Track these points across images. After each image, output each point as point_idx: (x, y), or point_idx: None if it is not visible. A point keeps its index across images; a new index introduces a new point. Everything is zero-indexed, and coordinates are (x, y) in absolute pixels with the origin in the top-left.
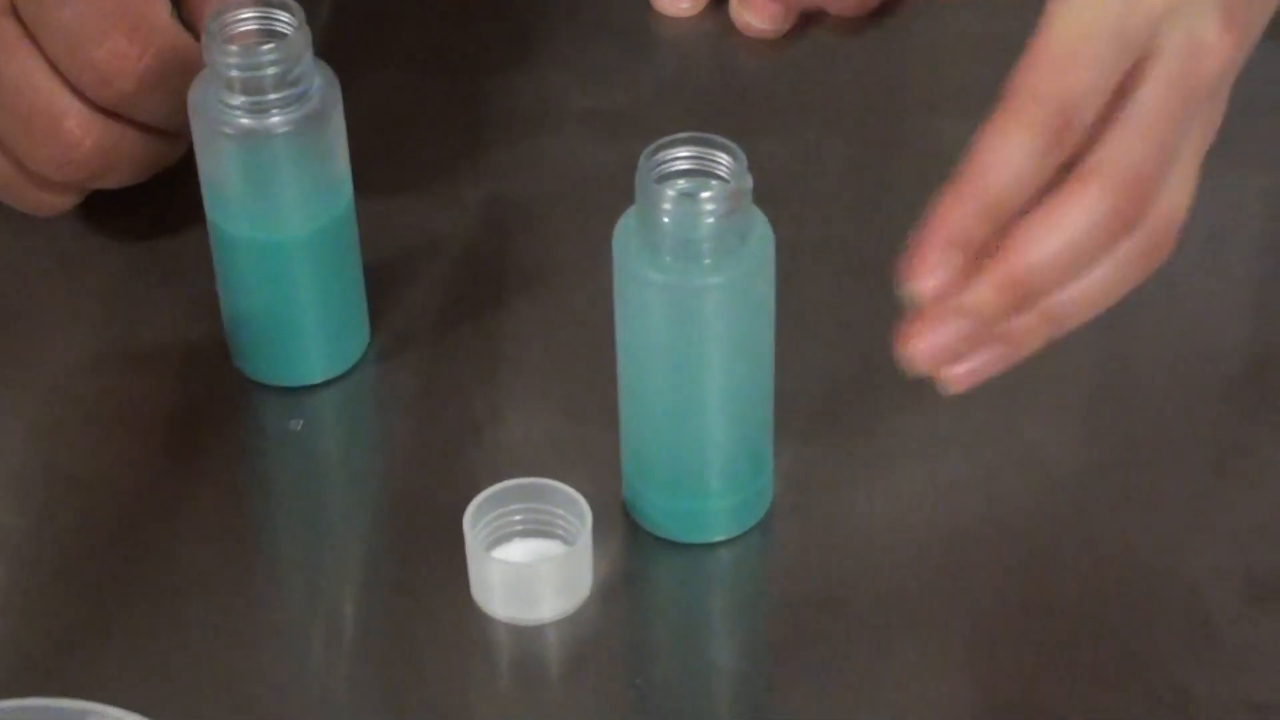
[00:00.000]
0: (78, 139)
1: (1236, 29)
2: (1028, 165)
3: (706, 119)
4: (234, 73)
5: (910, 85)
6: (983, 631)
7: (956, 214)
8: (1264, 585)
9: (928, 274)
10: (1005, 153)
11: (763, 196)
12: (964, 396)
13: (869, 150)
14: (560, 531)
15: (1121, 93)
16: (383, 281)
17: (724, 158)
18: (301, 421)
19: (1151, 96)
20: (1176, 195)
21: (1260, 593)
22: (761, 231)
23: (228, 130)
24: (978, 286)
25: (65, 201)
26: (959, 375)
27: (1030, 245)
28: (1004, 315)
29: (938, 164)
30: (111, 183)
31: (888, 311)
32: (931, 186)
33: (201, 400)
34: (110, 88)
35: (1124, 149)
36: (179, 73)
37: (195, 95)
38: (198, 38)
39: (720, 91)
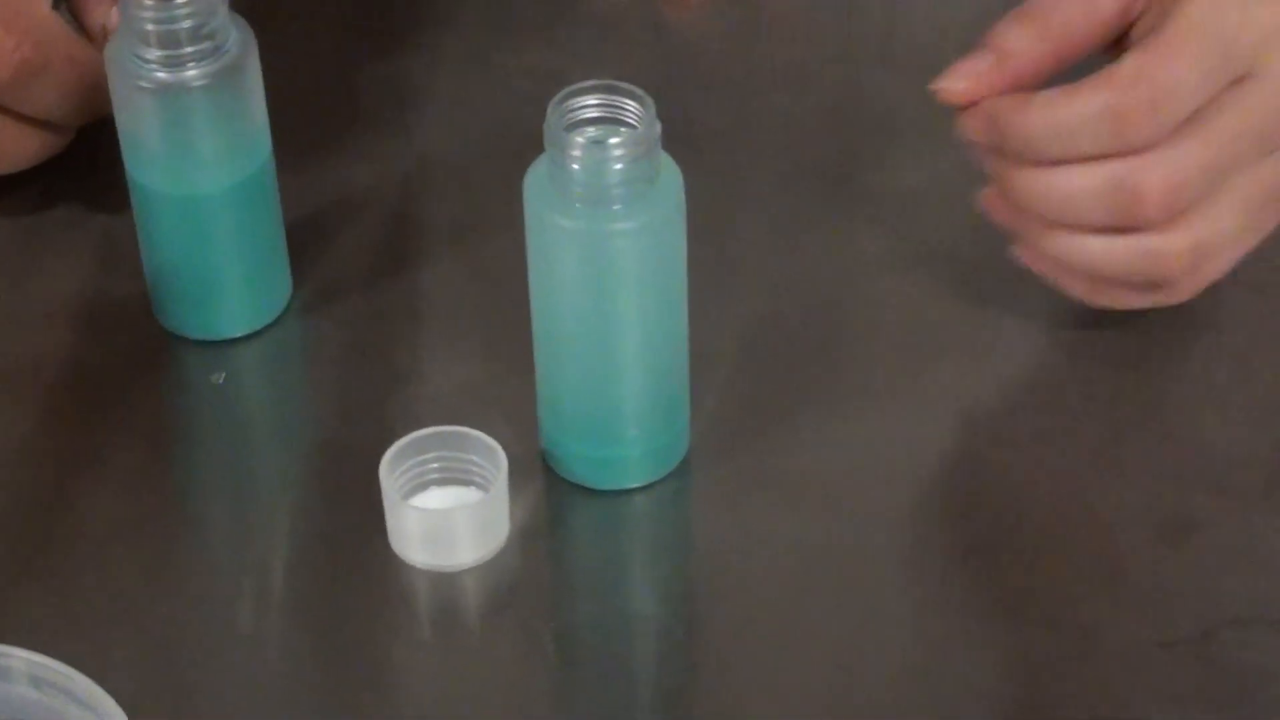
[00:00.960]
0: None
1: None
2: (1090, 126)
3: (634, 73)
4: (149, 26)
5: (844, 42)
6: (898, 572)
7: (1007, 118)
8: (1174, 525)
9: (967, 129)
10: (1078, 106)
11: (689, 150)
12: (879, 345)
13: (799, 107)
14: (477, 479)
15: (1213, 104)
16: (305, 236)
17: (632, 104)
18: (223, 375)
19: (1232, 114)
20: (1220, 223)
21: (1170, 532)
22: (671, 177)
23: (144, 84)
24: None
25: None
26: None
27: (1033, 105)
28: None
29: (869, 120)
30: None
31: (808, 265)
32: (861, 142)
33: (123, 354)
34: None
35: (1179, 142)
36: (61, 66)
37: (111, 50)
38: (88, 34)
39: (649, 47)
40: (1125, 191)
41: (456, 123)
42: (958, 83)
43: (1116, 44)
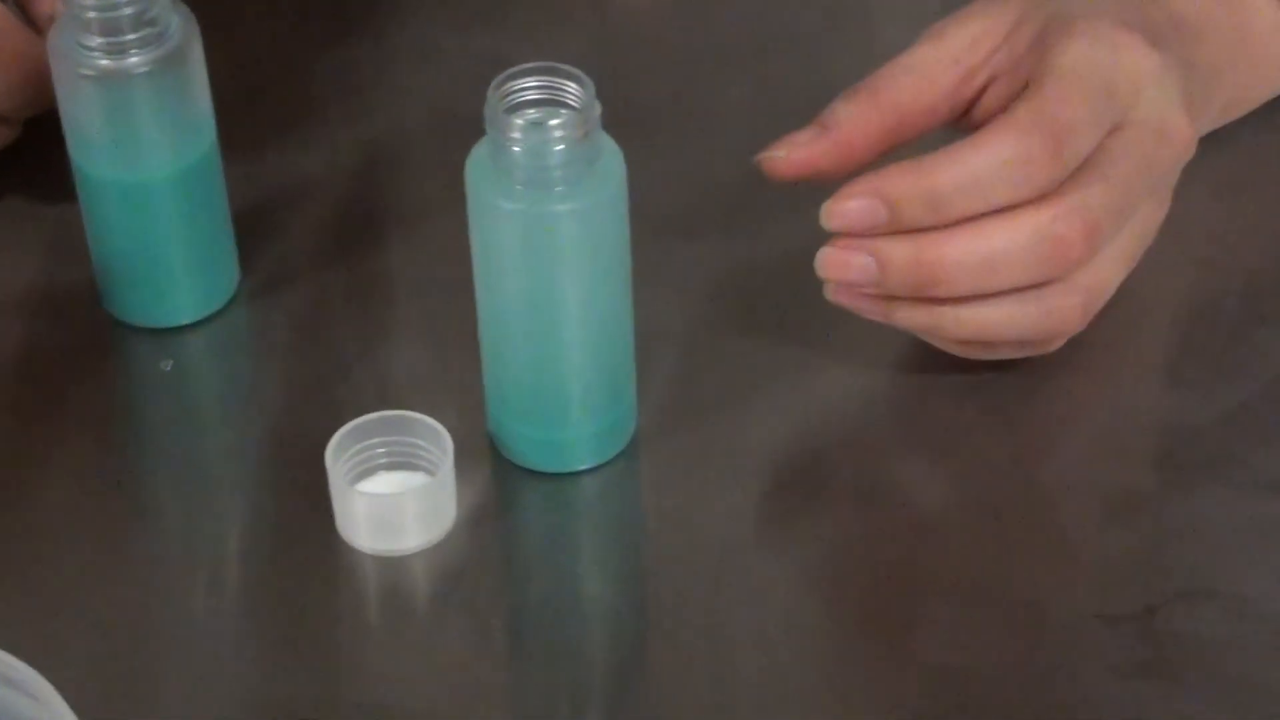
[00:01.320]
0: None
1: (1194, 124)
2: (1001, 174)
3: (581, 56)
4: (91, 14)
5: (790, 26)
6: (843, 549)
7: (903, 183)
8: (1120, 500)
9: (843, 218)
10: (985, 152)
11: (634, 133)
12: (825, 325)
13: (745, 90)
14: (424, 463)
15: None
16: (253, 223)
17: (572, 86)
18: (171, 362)
19: (1122, 157)
20: (1104, 273)
21: (1115, 507)
22: (613, 158)
23: (87, 72)
24: (873, 183)
25: None
26: (831, 278)
27: (936, 162)
28: (888, 224)
29: (816, 99)
30: None
31: (754, 244)
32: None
33: (71, 342)
34: None
35: (1086, 186)
36: (9, 59)
37: (54, 38)
38: (35, 26)
39: (597, 31)
40: (1049, 242)
41: (404, 108)
42: (779, 151)
43: (959, 120)
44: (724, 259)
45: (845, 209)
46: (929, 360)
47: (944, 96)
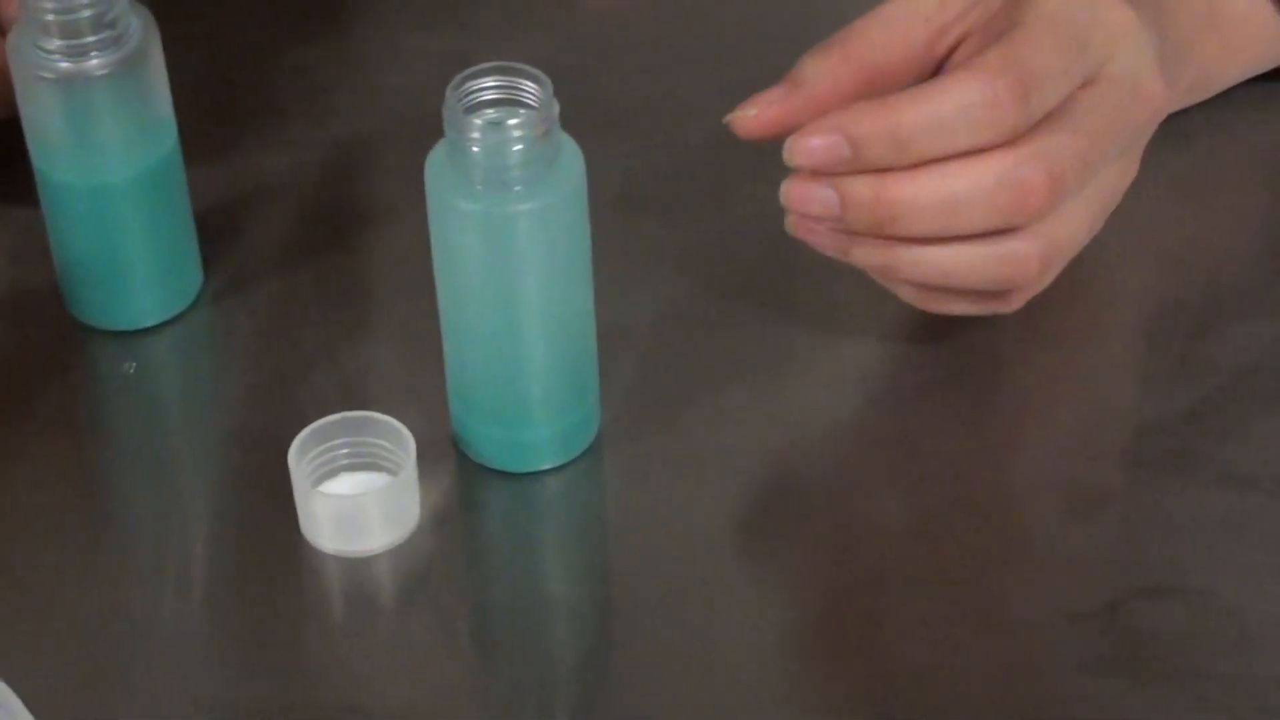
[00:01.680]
0: None
1: (1168, 88)
2: (964, 117)
3: (544, 56)
4: (50, 16)
5: (755, 24)
6: (808, 547)
7: (868, 121)
8: (1083, 496)
9: (807, 154)
10: (952, 94)
11: (599, 132)
12: (787, 321)
13: (709, 88)
14: (386, 464)
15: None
16: (216, 225)
17: (531, 86)
18: (134, 364)
19: (1093, 109)
20: (1068, 227)
21: (1079, 504)
22: (572, 157)
23: (46, 75)
24: (837, 120)
25: None
26: (797, 219)
27: (900, 102)
28: (850, 162)
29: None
30: None
31: (717, 242)
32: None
33: (35, 345)
34: None
35: (1052, 134)
36: None
37: (13, 41)
38: (0, 31)
39: (560, 30)
40: (1010, 187)
41: (368, 108)
42: (749, 110)
43: (932, 75)
44: (687, 256)
45: (809, 145)
46: (894, 359)
47: (916, 51)
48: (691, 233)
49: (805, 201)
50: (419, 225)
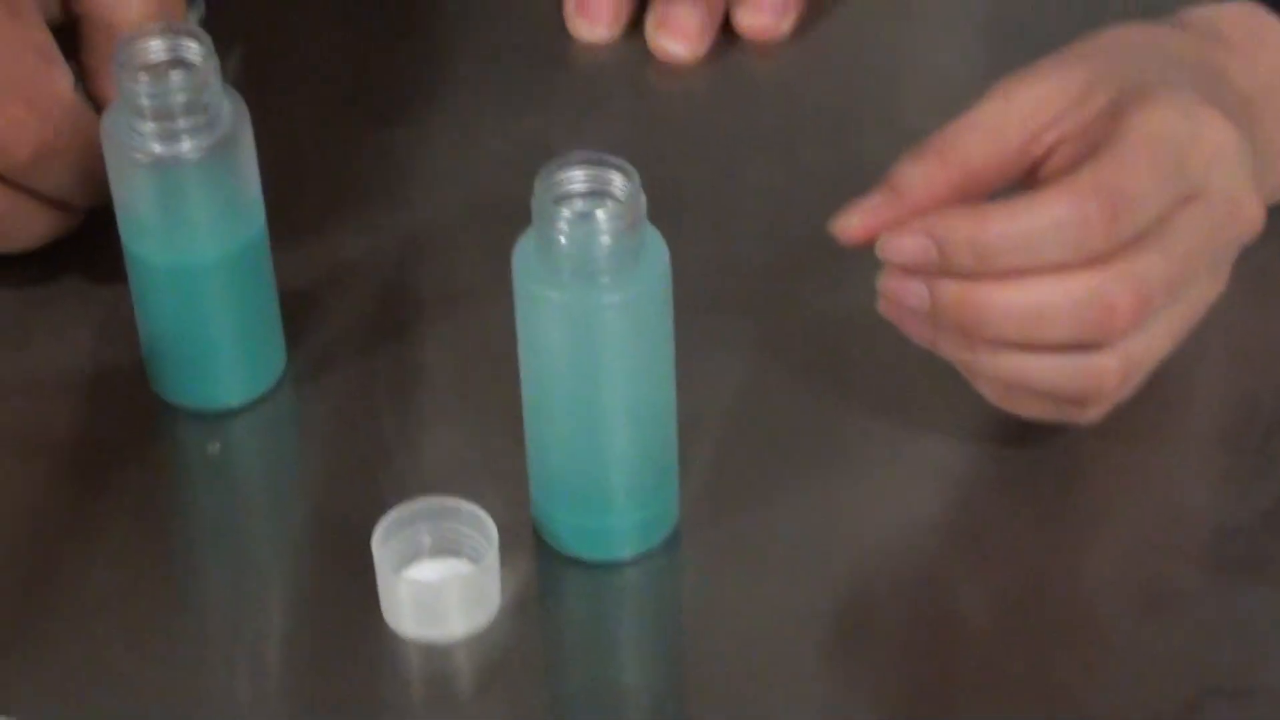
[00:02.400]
0: None
1: (1263, 204)
2: (1052, 235)
3: (621, 144)
4: (144, 100)
5: (827, 109)
6: (888, 646)
7: (959, 230)
8: (1158, 596)
9: (898, 253)
10: (1043, 211)
11: (675, 218)
12: (866, 414)
13: (783, 174)
14: (468, 550)
15: (1166, 221)
16: (299, 306)
17: (618, 178)
18: (218, 445)
19: (1186, 230)
20: (1150, 344)
21: (1154, 603)
22: (657, 250)
23: (139, 157)
24: (930, 224)
25: None
26: (886, 298)
27: (992, 214)
28: (938, 266)
29: (855, 185)
30: (2, 249)
31: (794, 331)
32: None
33: (120, 424)
34: (7, 156)
35: (1141, 255)
36: (79, 146)
37: (108, 123)
38: (100, 111)
39: (635, 116)
40: (1096, 306)
41: (445, 193)
42: (852, 219)
43: (1027, 178)
44: (765, 345)
45: (901, 245)
46: (971, 454)
47: (1010, 156)
48: (770, 322)
49: (898, 293)
50: (497, 309)
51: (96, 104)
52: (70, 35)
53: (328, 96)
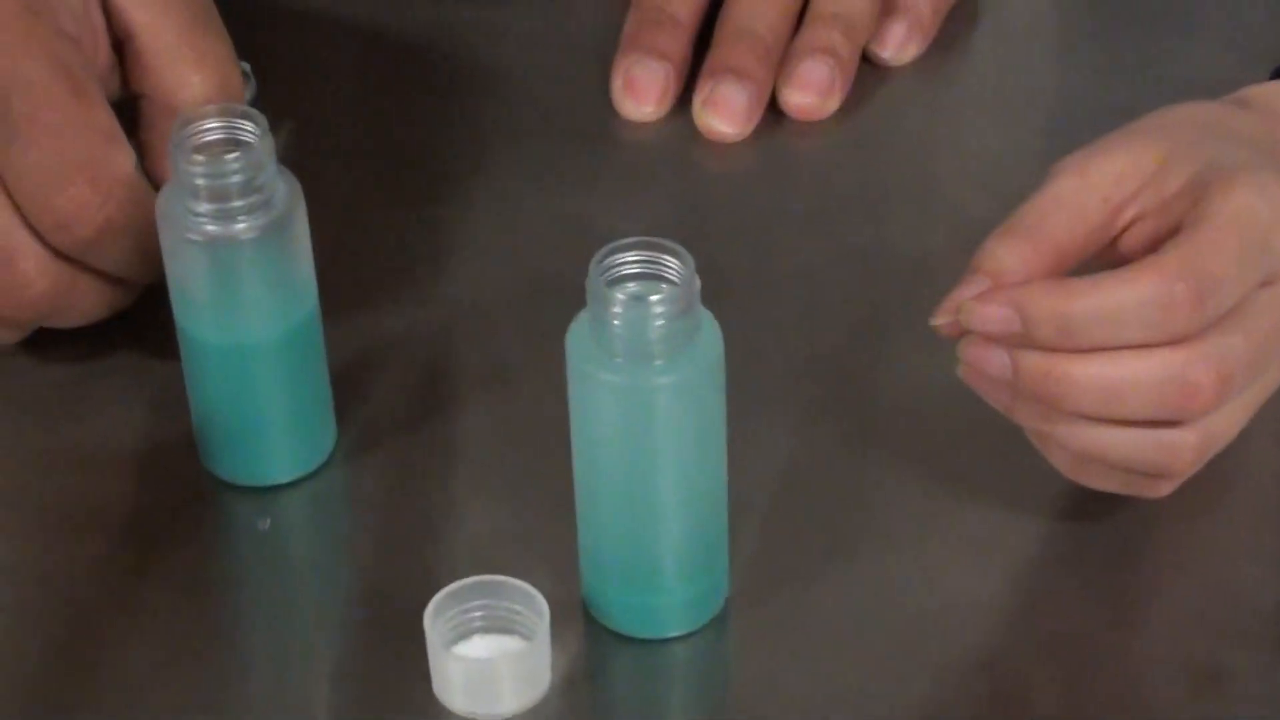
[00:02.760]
0: (31, 280)
1: None
2: (1137, 314)
3: (666, 222)
4: (200, 181)
5: (871, 188)
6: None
7: (1044, 303)
8: (1205, 675)
9: (982, 322)
10: (1128, 290)
11: (720, 297)
12: (914, 490)
13: (828, 253)
14: (519, 627)
15: (1248, 302)
16: (349, 382)
17: (672, 261)
18: (269, 520)
19: (1268, 311)
20: (1227, 421)
21: (1201, 682)
22: (711, 332)
23: (194, 237)
24: (1015, 295)
25: (10, 336)
26: (967, 364)
27: (1077, 290)
28: (1020, 338)
29: (895, 265)
30: (60, 324)
31: (838, 408)
32: (887, 288)
33: (170, 499)
34: (69, 234)
35: (1224, 336)
36: (140, 225)
37: (162, 202)
38: (158, 189)
39: (681, 194)
40: (1178, 385)
41: (491, 270)
42: (954, 314)
43: (1104, 253)
44: (816, 419)
45: (984, 314)
46: (1019, 529)
47: (1093, 231)
48: (817, 398)
49: (980, 360)
50: (543, 385)
51: (154, 181)
52: (130, 111)
53: (373, 172)
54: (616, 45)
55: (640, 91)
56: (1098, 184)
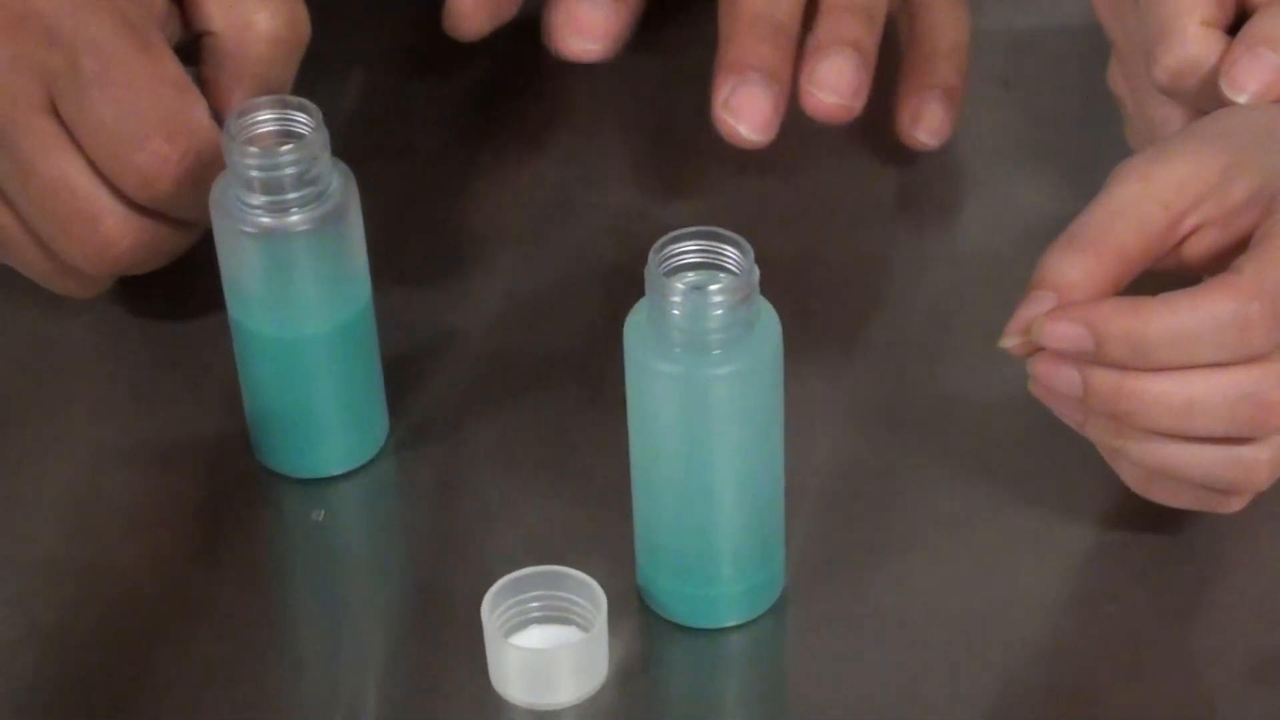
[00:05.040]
0: (115, 239)
1: None
2: (1212, 334)
3: (715, 213)
4: (254, 173)
5: (930, 181)
6: (988, 712)
7: (1117, 323)
8: (1267, 666)
9: (1053, 339)
10: (1203, 310)
11: (773, 287)
12: (972, 485)
13: (885, 245)
14: (576, 618)
15: None
16: (401, 374)
17: (731, 250)
18: (323, 512)
19: None
20: None
21: (1262, 674)
22: (769, 322)
23: (248, 229)
24: (1088, 314)
25: (92, 289)
26: (1038, 381)
27: (1151, 309)
28: (1092, 356)
29: (956, 259)
30: (139, 270)
31: (894, 399)
32: (940, 276)
33: (223, 492)
34: (151, 190)
35: None
36: (212, 170)
37: (216, 194)
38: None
39: (729, 187)
40: (1252, 403)
41: (544, 261)
42: (1025, 335)
43: (1165, 261)
44: (870, 411)
45: (1056, 332)
46: (1074, 524)
47: (1154, 240)
48: (870, 385)
49: (1051, 377)
50: (598, 376)
51: (220, 118)
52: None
53: (423, 165)
54: (669, 37)
55: (748, 116)
56: (1159, 191)
